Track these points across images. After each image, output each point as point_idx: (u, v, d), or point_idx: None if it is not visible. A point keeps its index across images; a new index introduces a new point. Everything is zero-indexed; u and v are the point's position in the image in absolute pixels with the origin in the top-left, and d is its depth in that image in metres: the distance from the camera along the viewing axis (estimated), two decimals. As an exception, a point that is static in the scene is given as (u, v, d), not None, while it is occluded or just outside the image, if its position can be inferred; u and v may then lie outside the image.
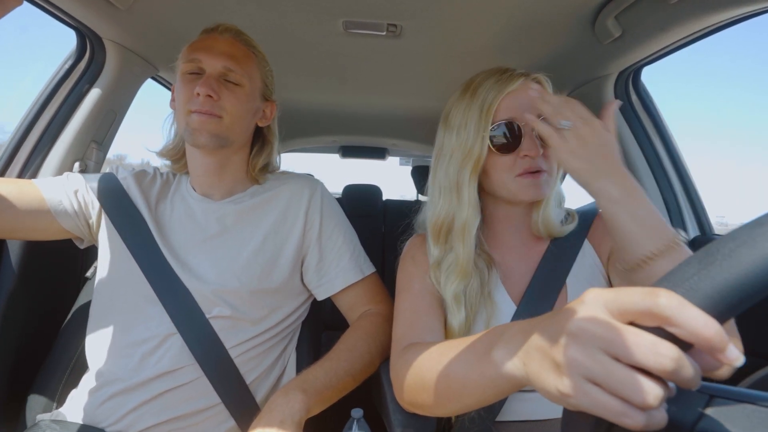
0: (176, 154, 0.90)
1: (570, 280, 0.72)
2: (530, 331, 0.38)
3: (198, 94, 0.76)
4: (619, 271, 0.64)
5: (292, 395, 0.66)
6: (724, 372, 0.30)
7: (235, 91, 0.80)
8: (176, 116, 0.84)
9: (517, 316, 0.70)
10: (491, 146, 0.69)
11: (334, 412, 0.75)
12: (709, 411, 0.30)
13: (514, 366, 0.39)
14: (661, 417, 0.29)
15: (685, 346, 0.28)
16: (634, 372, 0.28)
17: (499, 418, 0.68)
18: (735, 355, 0.27)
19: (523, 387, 0.40)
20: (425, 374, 0.55)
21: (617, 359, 0.29)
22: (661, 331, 0.28)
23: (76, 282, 1.04)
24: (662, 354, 0.27)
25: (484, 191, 0.77)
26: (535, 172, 0.68)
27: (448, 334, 0.71)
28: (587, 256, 0.74)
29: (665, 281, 0.31)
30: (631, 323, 0.30)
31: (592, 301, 0.32)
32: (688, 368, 0.27)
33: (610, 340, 0.29)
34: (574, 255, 0.73)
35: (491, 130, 0.69)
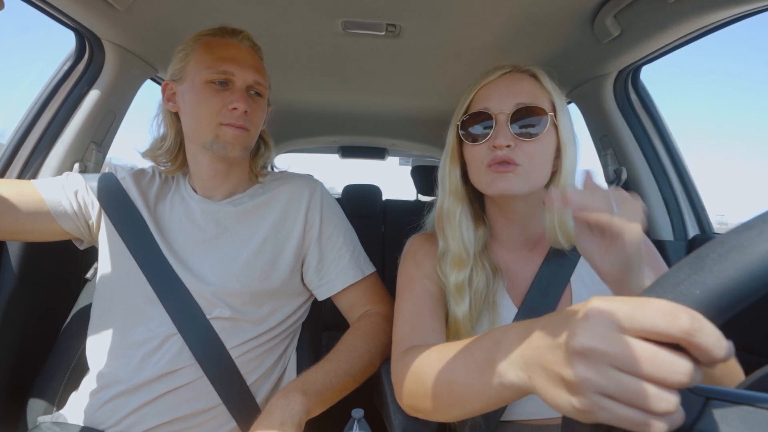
0: (169, 156, 0.87)
1: (574, 282, 0.71)
2: (529, 341, 0.38)
3: (234, 109, 0.76)
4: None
5: (292, 397, 0.66)
6: None
7: (259, 103, 0.82)
8: (193, 123, 0.80)
9: (518, 318, 0.70)
10: (461, 137, 0.70)
11: (335, 412, 0.75)
12: (706, 413, 0.30)
13: (518, 378, 0.39)
14: (680, 415, 0.29)
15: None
16: (649, 384, 0.28)
17: (502, 418, 0.68)
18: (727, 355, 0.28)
19: (528, 395, 0.40)
20: (426, 382, 0.55)
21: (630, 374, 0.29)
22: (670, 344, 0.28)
23: (77, 283, 1.04)
24: (680, 372, 0.28)
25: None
26: (505, 163, 0.65)
27: (452, 325, 0.70)
28: None
29: (657, 286, 0.31)
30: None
31: (596, 316, 0.31)
32: (698, 377, 0.28)
33: (622, 358, 0.29)
34: (578, 256, 0.73)
35: (463, 121, 0.70)
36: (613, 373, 0.29)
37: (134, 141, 0.90)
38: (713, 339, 0.27)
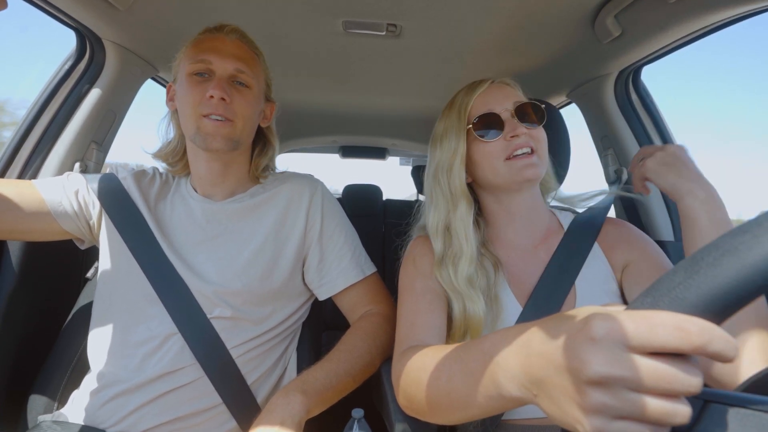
0: (175, 156, 0.89)
1: (579, 283, 0.71)
2: (528, 357, 0.37)
3: (211, 97, 0.75)
4: (633, 285, 0.70)
5: (292, 396, 0.66)
6: None
7: (245, 94, 0.80)
8: (181, 118, 0.81)
9: (522, 318, 0.70)
10: (477, 137, 0.74)
11: (335, 412, 0.75)
12: (704, 416, 0.30)
13: (520, 392, 0.39)
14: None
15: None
16: (665, 400, 0.29)
17: (504, 417, 0.68)
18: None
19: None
20: (423, 387, 0.55)
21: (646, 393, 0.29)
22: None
23: (77, 282, 1.04)
24: (693, 384, 0.28)
25: (481, 189, 0.80)
26: (526, 154, 0.72)
27: (472, 324, 0.69)
28: (598, 259, 0.74)
29: (653, 290, 0.31)
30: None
31: (604, 338, 0.30)
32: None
33: (638, 380, 0.29)
34: (584, 257, 0.73)
35: (473, 124, 0.75)
36: (630, 396, 0.29)
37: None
38: (724, 343, 0.27)
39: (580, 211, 0.84)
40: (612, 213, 0.87)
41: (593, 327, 0.31)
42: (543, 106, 0.76)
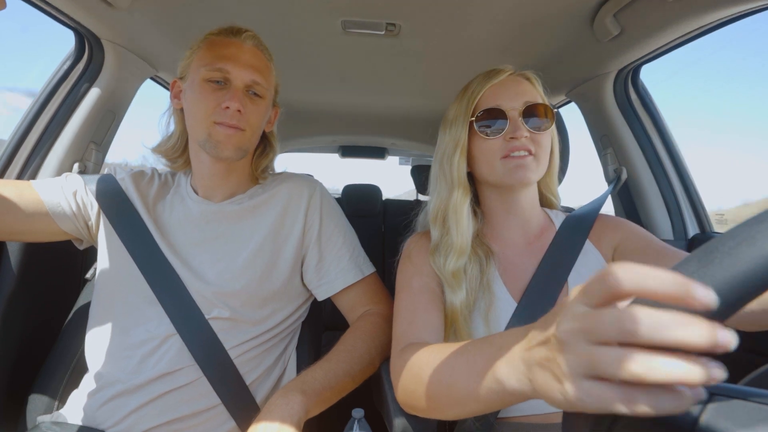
0: (174, 153, 0.88)
1: (572, 278, 0.72)
2: (527, 342, 0.38)
3: (227, 108, 0.76)
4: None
5: (292, 396, 0.66)
6: None
7: (258, 104, 0.81)
8: (191, 121, 0.81)
9: (517, 313, 0.70)
10: (478, 131, 0.74)
11: (335, 412, 0.75)
12: (709, 408, 0.30)
13: (520, 383, 0.39)
14: (673, 400, 0.27)
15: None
16: (627, 348, 0.27)
17: (501, 414, 0.68)
18: (706, 295, 0.25)
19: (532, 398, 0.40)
20: (424, 382, 0.55)
21: (606, 343, 0.28)
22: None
23: (76, 283, 1.04)
24: (659, 324, 0.26)
25: (479, 182, 0.81)
26: (521, 155, 0.72)
27: (450, 314, 0.71)
28: (590, 256, 0.75)
29: None
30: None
31: (572, 301, 0.32)
32: (671, 329, 0.26)
33: (589, 329, 0.29)
34: (576, 254, 0.74)
35: (477, 117, 0.74)
36: (588, 348, 0.29)
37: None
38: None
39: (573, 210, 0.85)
40: (611, 213, 0.88)
41: (570, 294, 0.33)
42: (555, 111, 0.75)
